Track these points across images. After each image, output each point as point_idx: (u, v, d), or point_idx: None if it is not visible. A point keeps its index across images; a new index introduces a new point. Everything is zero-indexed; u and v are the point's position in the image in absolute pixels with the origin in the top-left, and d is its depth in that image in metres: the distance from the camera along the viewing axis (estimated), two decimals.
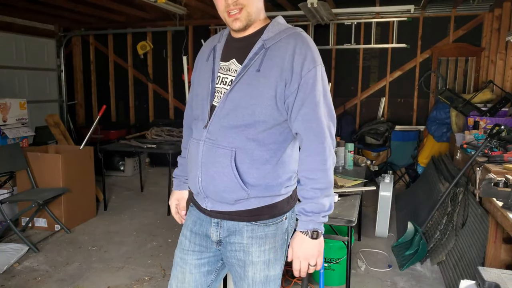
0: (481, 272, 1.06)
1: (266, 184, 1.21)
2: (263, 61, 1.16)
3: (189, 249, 1.32)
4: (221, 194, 1.21)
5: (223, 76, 1.23)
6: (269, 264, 1.26)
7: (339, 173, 2.80)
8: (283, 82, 1.15)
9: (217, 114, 1.20)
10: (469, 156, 3.00)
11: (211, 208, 1.26)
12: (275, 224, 1.26)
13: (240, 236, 1.24)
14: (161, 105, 6.64)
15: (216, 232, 1.27)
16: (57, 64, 6.62)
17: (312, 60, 1.16)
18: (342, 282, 2.62)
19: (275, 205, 1.25)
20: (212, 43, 1.32)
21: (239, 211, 1.23)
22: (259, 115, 1.17)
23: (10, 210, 3.62)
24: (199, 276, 1.32)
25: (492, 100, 4.67)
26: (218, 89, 1.23)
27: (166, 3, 4.63)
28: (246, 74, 1.17)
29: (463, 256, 2.62)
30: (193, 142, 1.28)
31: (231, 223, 1.25)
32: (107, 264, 3.03)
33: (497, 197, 2.02)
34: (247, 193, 1.20)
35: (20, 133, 4.11)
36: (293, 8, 5.21)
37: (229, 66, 1.23)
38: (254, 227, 1.24)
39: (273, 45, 1.17)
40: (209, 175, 1.21)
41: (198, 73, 1.33)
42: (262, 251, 1.25)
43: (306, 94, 1.16)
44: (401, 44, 5.40)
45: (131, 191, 5.06)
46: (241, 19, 1.17)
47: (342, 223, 1.92)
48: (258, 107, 1.16)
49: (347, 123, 5.59)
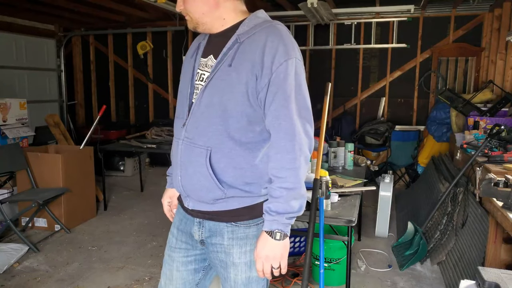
0: (481, 272, 1.06)
1: (244, 184, 1.18)
2: (235, 56, 1.13)
3: (176, 247, 1.33)
4: (199, 193, 1.21)
5: (201, 73, 1.23)
6: (251, 265, 1.24)
7: (339, 173, 2.80)
8: (254, 76, 1.11)
9: (193, 112, 1.20)
10: (469, 156, 3.00)
11: (192, 208, 1.26)
12: (256, 226, 1.23)
13: (221, 237, 1.24)
14: (161, 105, 6.64)
15: (198, 232, 1.27)
16: (57, 64, 6.62)
17: (285, 53, 1.10)
18: (342, 282, 2.62)
19: (255, 206, 1.22)
20: (198, 41, 1.33)
21: (219, 211, 1.22)
22: (232, 112, 1.14)
23: (10, 210, 3.61)
24: (186, 274, 1.32)
25: (492, 100, 4.68)
26: (196, 85, 1.23)
27: (166, 3, 4.62)
28: (220, 70, 1.15)
29: (463, 256, 2.62)
30: (174, 141, 1.29)
31: (212, 224, 1.24)
32: (107, 264, 3.03)
33: (497, 197, 2.01)
34: (224, 193, 1.18)
35: (20, 133, 4.11)
36: (293, 8, 5.20)
37: (206, 62, 1.23)
38: (234, 228, 1.22)
39: (247, 39, 1.14)
40: (188, 175, 1.21)
41: (183, 71, 1.33)
42: (243, 252, 1.23)
43: (276, 89, 1.10)
44: (401, 44, 5.40)
45: (131, 191, 5.06)
46: (189, 22, 1.22)
47: (342, 223, 1.92)
48: (230, 103, 1.13)
49: (347, 123, 5.58)
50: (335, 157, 3.00)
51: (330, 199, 2.02)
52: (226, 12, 1.20)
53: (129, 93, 6.78)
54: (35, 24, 6.21)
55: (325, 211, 1.92)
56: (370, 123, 5.37)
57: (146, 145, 4.31)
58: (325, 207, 1.95)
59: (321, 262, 1.93)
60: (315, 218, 1.79)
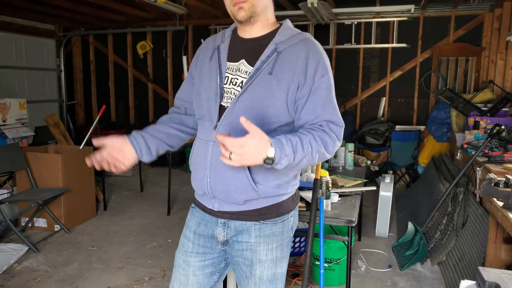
0: (481, 272, 1.06)
1: (275, 183, 1.22)
2: (275, 64, 1.18)
3: (193, 251, 1.31)
4: (231, 195, 1.21)
5: (232, 77, 1.22)
6: (276, 261, 1.28)
7: (339, 173, 2.80)
8: (295, 85, 1.17)
9: (227, 115, 1.20)
10: (469, 156, 3.00)
11: (218, 209, 1.26)
12: (282, 222, 1.27)
13: (248, 235, 1.25)
14: (161, 105, 6.63)
15: (223, 233, 1.27)
16: (57, 64, 6.62)
17: (325, 66, 1.21)
18: (342, 282, 2.62)
19: (281, 203, 1.26)
20: (214, 43, 1.31)
21: (248, 211, 1.24)
22: (270, 117, 1.18)
23: (10, 210, 3.61)
24: (203, 277, 1.32)
25: (492, 100, 4.67)
26: (227, 89, 1.22)
27: (166, 3, 4.62)
28: (259, 76, 1.18)
29: (463, 256, 2.62)
30: (201, 143, 1.27)
31: (239, 223, 1.25)
32: (107, 264, 3.03)
33: (497, 197, 2.01)
34: (258, 193, 1.20)
35: (19, 133, 4.11)
36: (293, 8, 5.20)
37: (238, 66, 1.22)
38: (261, 226, 1.25)
39: (285, 49, 1.20)
40: (219, 176, 1.21)
41: (200, 72, 1.31)
42: (270, 249, 1.26)
43: (320, 97, 1.19)
44: (402, 44, 5.40)
45: (131, 191, 5.05)
46: (245, 9, 1.17)
47: (342, 223, 1.92)
48: (269, 108, 1.17)
49: (347, 123, 5.51)
50: (335, 157, 2.99)
51: (330, 199, 2.02)
52: (271, 14, 1.26)
53: (129, 93, 6.78)
54: (35, 24, 6.21)
55: (325, 211, 1.91)
56: (370, 123, 5.36)
57: None
58: (325, 207, 1.95)
59: (321, 262, 1.92)
60: (315, 218, 1.79)
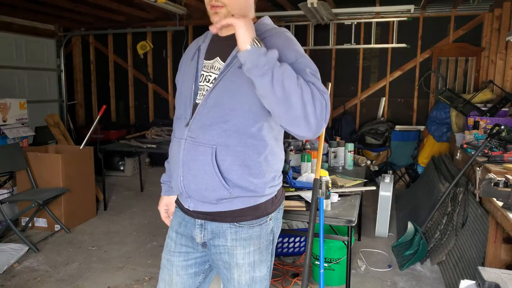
0: (481, 272, 1.06)
1: (249, 182, 1.18)
2: None
3: (175, 251, 1.31)
4: (202, 193, 1.19)
5: (206, 74, 1.23)
6: (254, 265, 1.25)
7: (339, 173, 2.80)
8: None
9: (199, 112, 1.19)
10: (469, 156, 3.00)
11: (193, 209, 1.24)
12: (259, 226, 1.24)
13: (224, 238, 1.23)
14: (161, 105, 6.64)
15: (200, 234, 1.26)
16: (57, 64, 6.62)
17: (301, 53, 1.14)
18: (342, 282, 2.62)
19: (258, 206, 1.22)
20: (197, 43, 1.32)
21: (222, 212, 1.21)
22: (239, 111, 1.15)
23: (10, 210, 3.61)
24: (187, 277, 1.31)
25: (492, 100, 4.68)
26: (201, 87, 1.22)
27: (166, 3, 4.62)
28: (229, 71, 1.16)
29: (463, 256, 2.62)
30: (175, 142, 1.27)
31: (215, 225, 1.23)
32: (107, 264, 3.03)
33: (497, 197, 2.01)
34: (229, 192, 1.17)
35: (20, 133, 4.11)
36: (293, 8, 5.20)
37: (212, 64, 1.22)
38: (237, 229, 1.22)
39: None
40: (191, 174, 1.20)
41: (183, 73, 1.33)
42: (247, 253, 1.23)
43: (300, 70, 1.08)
44: (401, 44, 5.40)
45: (131, 191, 5.05)
46: (219, 15, 1.15)
47: (342, 223, 1.92)
48: (238, 102, 1.15)
49: (347, 123, 5.58)
50: (335, 157, 2.99)
51: (330, 199, 2.02)
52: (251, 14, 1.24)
53: (129, 93, 6.78)
54: (35, 24, 6.21)
55: (325, 211, 1.92)
56: (370, 123, 5.37)
57: (146, 145, 4.31)
58: (325, 207, 1.95)
59: (321, 262, 1.92)
60: (315, 218, 1.79)
